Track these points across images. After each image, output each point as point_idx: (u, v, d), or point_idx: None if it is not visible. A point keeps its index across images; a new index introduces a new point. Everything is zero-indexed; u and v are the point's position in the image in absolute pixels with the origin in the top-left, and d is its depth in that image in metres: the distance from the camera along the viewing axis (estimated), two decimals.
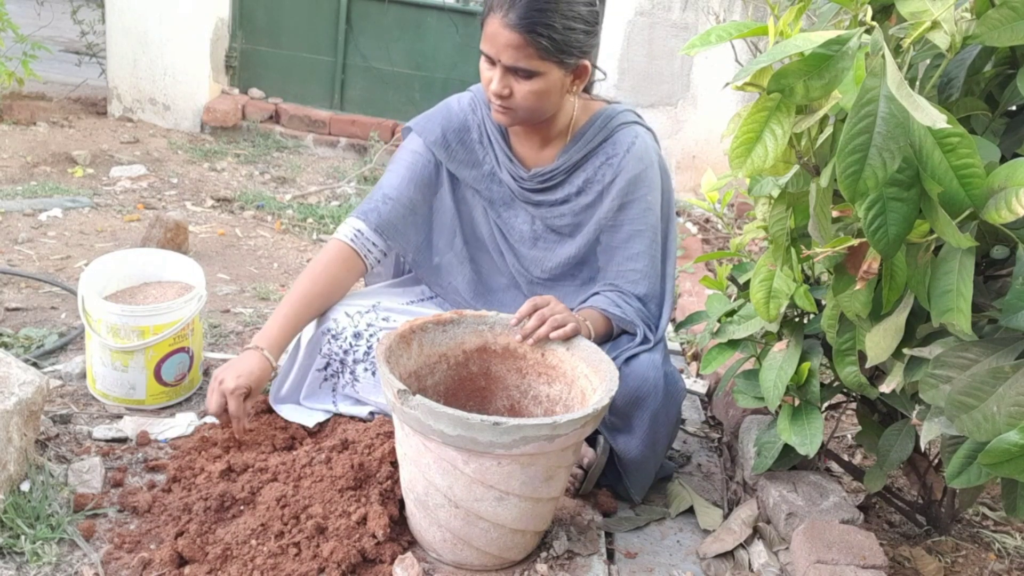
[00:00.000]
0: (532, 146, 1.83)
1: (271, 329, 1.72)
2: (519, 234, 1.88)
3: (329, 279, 1.79)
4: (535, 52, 1.59)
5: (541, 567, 1.52)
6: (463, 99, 1.89)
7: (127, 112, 4.85)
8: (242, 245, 3.30)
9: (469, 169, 1.87)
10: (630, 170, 1.77)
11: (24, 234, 2.99)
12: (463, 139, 1.86)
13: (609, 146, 1.79)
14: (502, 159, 1.84)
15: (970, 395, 1.10)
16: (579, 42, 1.63)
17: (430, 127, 1.87)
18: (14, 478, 1.49)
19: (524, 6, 1.56)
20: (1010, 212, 0.98)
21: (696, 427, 2.24)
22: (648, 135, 1.83)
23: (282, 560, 1.39)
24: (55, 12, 5.12)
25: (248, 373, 1.64)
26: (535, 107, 1.67)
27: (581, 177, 1.81)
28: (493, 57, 1.62)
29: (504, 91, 1.64)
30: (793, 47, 1.03)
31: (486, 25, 1.61)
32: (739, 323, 1.75)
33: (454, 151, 1.86)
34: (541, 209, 1.85)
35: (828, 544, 1.47)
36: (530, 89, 1.63)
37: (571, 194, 1.82)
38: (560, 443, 1.38)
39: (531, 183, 1.83)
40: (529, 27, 1.56)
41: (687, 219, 4.37)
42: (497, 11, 1.58)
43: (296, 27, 5.02)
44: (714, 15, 4.56)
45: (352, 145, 4.92)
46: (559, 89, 1.67)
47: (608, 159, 1.79)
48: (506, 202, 1.88)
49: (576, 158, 1.80)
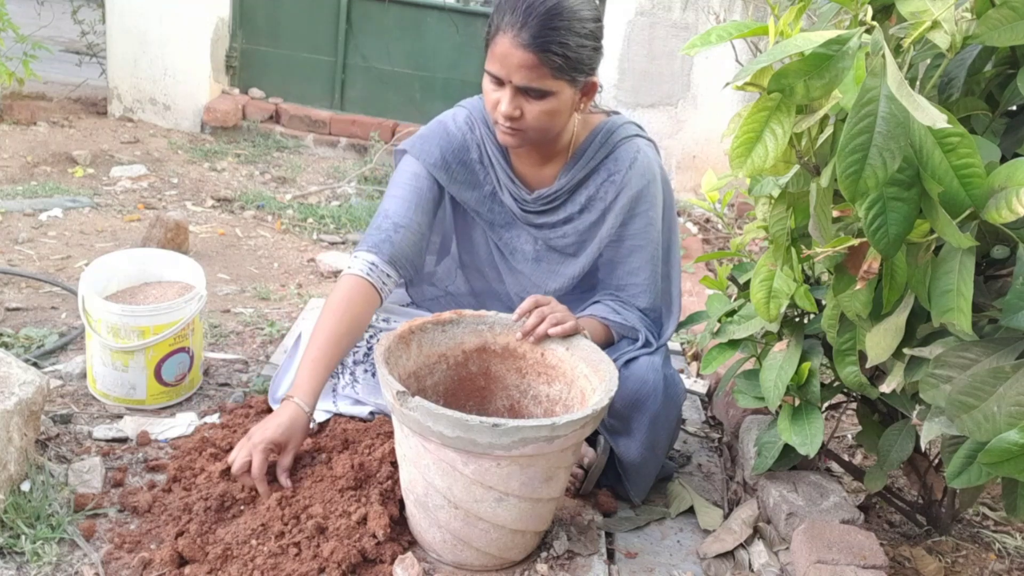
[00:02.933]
0: (533, 164, 1.79)
1: (302, 379, 1.60)
2: (522, 254, 1.86)
3: (352, 318, 1.67)
4: (548, 71, 1.54)
5: (541, 567, 1.52)
6: (459, 117, 1.82)
7: (127, 112, 4.85)
8: (242, 245, 3.30)
9: (470, 191, 1.82)
10: (633, 186, 1.74)
11: (24, 234, 2.99)
12: (463, 160, 1.80)
13: (611, 162, 1.75)
14: (504, 180, 1.80)
15: (970, 395, 1.10)
16: (589, 59, 1.60)
17: (428, 149, 1.79)
18: (14, 478, 1.49)
19: (537, 25, 1.51)
20: (1010, 212, 0.98)
21: (696, 427, 2.24)
22: (649, 147, 1.80)
23: (282, 560, 1.39)
24: (55, 12, 5.12)
25: (276, 426, 1.54)
26: (546, 127, 1.63)
27: (584, 195, 1.77)
28: (503, 78, 1.56)
29: (515, 112, 1.58)
30: (793, 47, 1.03)
31: (495, 45, 1.56)
32: (739, 323, 1.75)
33: (455, 173, 1.80)
34: (544, 231, 1.82)
35: (828, 544, 1.47)
36: (542, 109, 1.59)
37: (574, 213, 1.79)
38: (559, 444, 1.38)
39: (534, 205, 1.79)
40: (543, 46, 1.52)
41: (687, 219, 4.37)
42: (508, 30, 1.53)
43: (296, 27, 5.02)
44: (714, 15, 4.56)
45: (352, 145, 4.92)
46: (569, 108, 1.63)
47: (611, 175, 1.75)
48: (507, 223, 1.84)
49: (579, 177, 1.76)
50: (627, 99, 4.81)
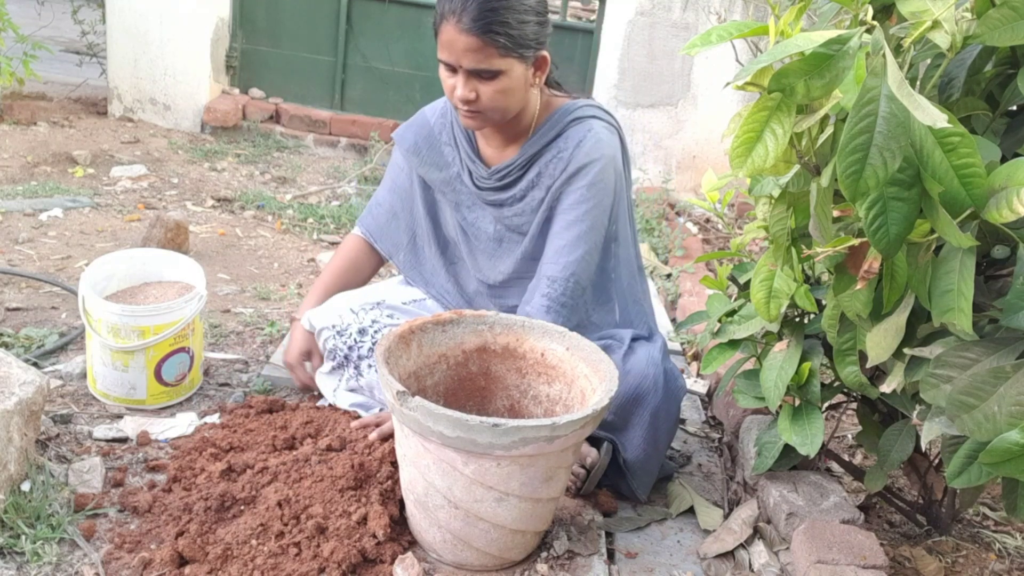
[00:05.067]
0: (497, 145, 1.83)
1: (309, 303, 1.95)
2: (486, 235, 1.88)
3: (354, 260, 2.03)
4: (495, 51, 1.59)
5: (541, 567, 1.52)
6: (437, 104, 1.94)
7: (127, 112, 4.85)
8: (242, 245, 3.30)
9: (437, 172, 1.89)
10: (577, 162, 1.73)
11: (24, 234, 2.99)
12: (432, 143, 1.90)
13: (562, 140, 1.77)
14: (465, 160, 1.85)
15: (971, 395, 1.10)
16: (535, 34, 1.64)
17: (406, 135, 1.94)
18: (14, 478, 1.49)
19: (476, 8, 1.56)
20: (1011, 211, 0.98)
21: (696, 427, 2.24)
22: (605, 129, 1.77)
23: (282, 560, 1.39)
24: (55, 12, 5.12)
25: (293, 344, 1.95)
26: (503, 106, 1.67)
27: (534, 171, 1.79)
28: (453, 64, 1.62)
29: (471, 95, 1.64)
30: (794, 47, 1.03)
31: (441, 33, 1.62)
32: (739, 323, 1.75)
33: (424, 155, 1.90)
34: (502, 209, 1.84)
35: (828, 544, 1.47)
36: (495, 89, 1.64)
37: (525, 189, 1.80)
38: (559, 444, 1.38)
39: (489, 181, 1.83)
40: (485, 28, 1.57)
41: (687, 219, 4.37)
42: (450, 18, 1.58)
43: (296, 27, 5.02)
44: (715, 15, 4.55)
45: (352, 145, 4.92)
46: (523, 84, 1.68)
47: (559, 152, 1.77)
48: (470, 204, 1.88)
49: (530, 152, 1.78)
50: (627, 99, 4.80)
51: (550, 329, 1.67)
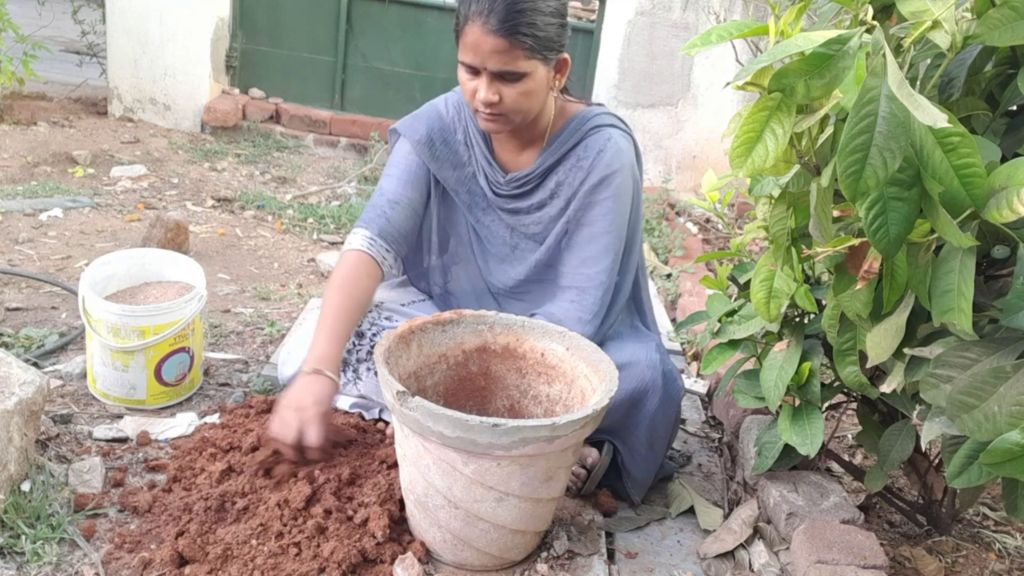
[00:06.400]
0: (513, 149, 1.82)
1: (324, 351, 1.61)
2: (499, 240, 1.87)
3: (359, 291, 1.72)
4: (521, 53, 1.58)
5: (541, 567, 1.52)
6: (450, 99, 1.88)
7: (127, 112, 4.85)
8: (242, 245, 3.30)
9: (452, 170, 1.85)
10: (598, 173, 1.74)
11: (24, 234, 2.99)
12: (447, 139, 1.85)
13: (581, 149, 1.76)
14: (482, 163, 1.83)
15: (971, 395, 1.10)
16: (558, 36, 1.63)
17: (416, 127, 1.85)
18: (15, 478, 1.49)
19: (504, 9, 1.55)
20: (1011, 211, 0.98)
21: (696, 427, 2.24)
22: (623, 138, 1.78)
23: (282, 560, 1.39)
24: (56, 12, 5.12)
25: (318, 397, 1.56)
26: (526, 108, 1.66)
27: (553, 181, 1.78)
28: (478, 66, 1.60)
29: (494, 98, 1.62)
30: (794, 46, 1.03)
31: (465, 35, 1.59)
32: (739, 323, 1.75)
33: (438, 151, 1.84)
34: (518, 217, 1.83)
35: (829, 544, 1.47)
36: (519, 91, 1.62)
37: (544, 199, 1.80)
38: (559, 444, 1.38)
39: (507, 188, 1.81)
40: (512, 29, 1.56)
41: (687, 219, 4.37)
42: (476, 19, 1.57)
43: (296, 27, 5.02)
44: (715, 15, 4.55)
45: (353, 145, 4.92)
46: (544, 87, 1.67)
47: (579, 161, 1.76)
48: (484, 208, 1.87)
49: (550, 161, 1.77)
50: (627, 99, 4.81)
51: (550, 329, 1.67)
